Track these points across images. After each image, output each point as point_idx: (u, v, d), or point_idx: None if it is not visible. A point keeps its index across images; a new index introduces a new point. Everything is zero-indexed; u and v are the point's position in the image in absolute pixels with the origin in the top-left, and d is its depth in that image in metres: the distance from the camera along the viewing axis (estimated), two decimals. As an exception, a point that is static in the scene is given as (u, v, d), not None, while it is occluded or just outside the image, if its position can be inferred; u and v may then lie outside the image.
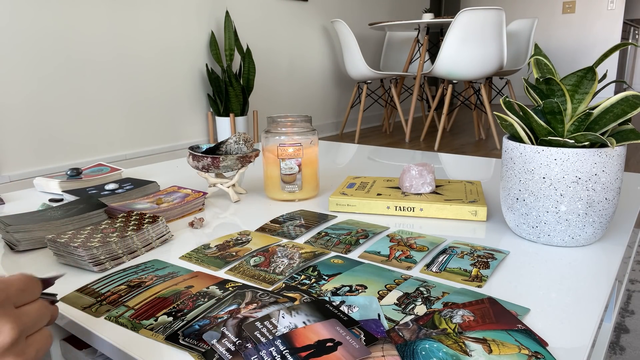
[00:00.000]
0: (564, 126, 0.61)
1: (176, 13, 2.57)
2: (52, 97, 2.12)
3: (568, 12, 5.26)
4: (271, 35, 3.16)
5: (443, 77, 3.03)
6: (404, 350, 0.41)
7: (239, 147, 0.94)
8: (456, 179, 0.95)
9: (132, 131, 2.46)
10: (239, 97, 2.71)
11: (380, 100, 4.25)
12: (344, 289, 0.53)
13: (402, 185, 0.84)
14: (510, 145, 0.65)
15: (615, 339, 0.98)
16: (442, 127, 3.08)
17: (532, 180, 0.63)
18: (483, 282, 0.54)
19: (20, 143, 2.04)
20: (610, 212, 0.63)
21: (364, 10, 4.01)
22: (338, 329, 0.43)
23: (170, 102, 2.63)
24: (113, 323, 0.48)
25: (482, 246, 0.64)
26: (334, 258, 0.62)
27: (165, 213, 0.79)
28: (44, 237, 0.68)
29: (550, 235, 0.63)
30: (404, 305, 0.49)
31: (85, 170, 1.08)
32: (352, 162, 1.22)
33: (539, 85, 0.62)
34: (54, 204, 0.89)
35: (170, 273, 0.58)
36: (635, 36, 6.64)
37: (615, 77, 5.19)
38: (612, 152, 0.60)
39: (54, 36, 2.09)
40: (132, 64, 2.41)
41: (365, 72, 3.30)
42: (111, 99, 2.35)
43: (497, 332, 0.43)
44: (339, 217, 0.79)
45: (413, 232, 0.71)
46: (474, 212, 0.75)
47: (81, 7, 2.17)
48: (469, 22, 2.81)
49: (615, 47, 0.60)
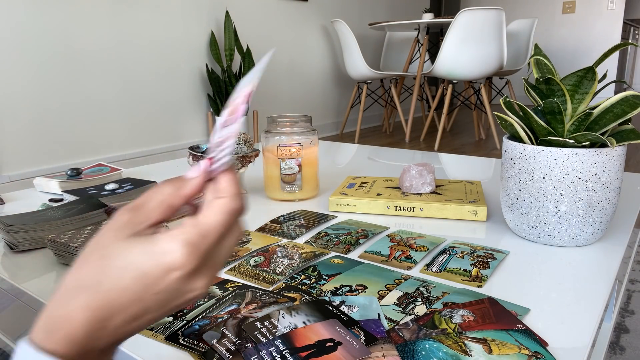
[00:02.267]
0: (564, 126, 0.61)
1: (176, 13, 2.57)
2: (52, 97, 2.11)
3: (568, 12, 5.25)
4: (271, 35, 3.16)
5: (443, 77, 3.03)
6: (404, 350, 0.41)
7: (239, 147, 0.94)
8: (456, 179, 0.95)
9: (132, 131, 2.46)
10: (239, 97, 2.71)
11: (380, 100, 4.25)
12: (344, 289, 0.53)
13: (402, 185, 0.84)
14: (510, 145, 0.65)
15: (615, 339, 0.98)
16: (442, 127, 3.08)
17: (532, 180, 0.63)
18: (483, 282, 0.54)
19: (20, 143, 2.04)
20: (610, 212, 0.63)
21: (364, 10, 4.01)
22: (338, 329, 0.43)
23: (170, 102, 2.62)
24: (113, 323, 0.48)
25: (482, 246, 0.64)
26: (334, 258, 0.62)
27: (165, 213, 0.78)
28: (44, 237, 0.68)
29: (550, 235, 0.63)
30: (404, 305, 0.49)
31: (85, 170, 1.08)
32: (352, 162, 1.22)
33: (539, 85, 0.62)
34: (54, 204, 0.89)
35: (170, 273, 0.58)
36: (635, 36, 6.64)
37: (615, 77, 5.19)
38: (612, 152, 0.60)
39: (54, 36, 2.09)
40: (133, 64, 2.41)
41: (365, 72, 3.30)
42: (111, 99, 2.35)
43: (497, 332, 0.43)
44: (339, 217, 0.79)
45: (413, 232, 0.71)
46: (474, 212, 0.75)
47: (82, 7, 2.17)
48: (469, 22, 2.81)
49: (615, 47, 0.60)
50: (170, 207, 0.29)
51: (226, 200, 0.28)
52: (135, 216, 0.28)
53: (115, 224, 0.27)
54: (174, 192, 0.29)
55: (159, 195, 0.29)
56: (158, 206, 0.28)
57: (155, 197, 0.29)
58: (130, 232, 0.27)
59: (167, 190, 0.29)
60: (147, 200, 0.28)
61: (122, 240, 0.27)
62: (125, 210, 0.28)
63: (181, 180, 0.29)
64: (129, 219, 0.28)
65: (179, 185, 0.29)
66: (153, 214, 0.28)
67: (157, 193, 0.29)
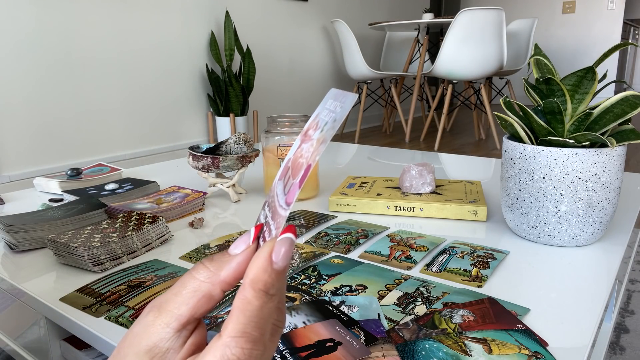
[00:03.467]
0: (564, 126, 0.61)
1: (176, 13, 2.57)
2: (52, 97, 2.11)
3: (568, 12, 5.25)
4: (271, 35, 3.16)
5: (443, 77, 3.03)
6: (404, 350, 0.41)
7: (239, 147, 0.94)
8: (456, 179, 0.95)
9: (132, 131, 2.46)
10: (239, 97, 2.71)
11: (380, 100, 4.25)
12: (344, 289, 0.53)
13: (402, 185, 0.84)
14: (510, 145, 0.65)
15: (615, 339, 0.98)
16: (442, 127, 3.08)
17: (532, 180, 0.63)
18: (483, 282, 0.54)
19: (20, 143, 2.04)
20: (610, 212, 0.63)
21: (364, 10, 4.01)
22: (338, 329, 0.43)
23: (170, 102, 2.62)
24: (113, 323, 0.48)
25: (482, 246, 0.64)
26: (334, 258, 0.62)
27: (165, 213, 0.78)
28: (44, 237, 0.68)
29: (550, 235, 0.63)
30: (404, 305, 0.49)
31: (85, 170, 1.08)
32: (352, 162, 1.22)
33: (539, 85, 0.62)
34: (54, 204, 0.89)
35: (171, 273, 0.58)
36: (635, 36, 6.64)
37: (615, 77, 5.19)
38: (612, 152, 0.60)
39: (54, 36, 2.09)
40: (133, 63, 2.41)
41: (365, 72, 3.30)
42: (111, 98, 2.35)
43: (497, 332, 0.43)
44: (339, 217, 0.79)
45: (413, 232, 0.71)
46: (474, 212, 0.75)
47: (82, 7, 2.17)
48: (469, 22, 2.81)
49: (615, 47, 0.60)
50: (207, 298, 0.22)
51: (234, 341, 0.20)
52: (160, 317, 0.22)
53: (137, 330, 0.22)
54: (211, 276, 0.23)
55: (193, 281, 0.23)
56: (190, 297, 0.22)
57: (189, 284, 0.23)
58: (147, 347, 0.22)
59: (203, 275, 0.23)
60: (179, 291, 0.23)
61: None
62: (150, 308, 0.23)
63: (221, 259, 0.23)
64: (152, 321, 0.22)
65: (217, 266, 0.23)
66: (183, 310, 0.22)
67: (191, 279, 0.23)
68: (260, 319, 0.21)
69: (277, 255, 0.22)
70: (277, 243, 0.22)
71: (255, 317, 0.21)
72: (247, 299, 0.21)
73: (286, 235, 0.22)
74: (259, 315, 0.21)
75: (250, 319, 0.21)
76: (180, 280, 0.23)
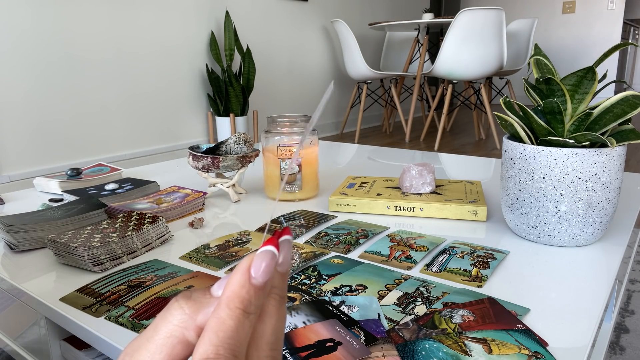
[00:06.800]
0: (564, 126, 0.61)
1: (176, 13, 2.57)
2: (52, 97, 2.11)
3: (568, 12, 5.25)
4: (271, 35, 3.16)
5: (443, 77, 3.03)
6: (404, 350, 0.41)
7: (239, 147, 0.94)
8: (456, 179, 0.95)
9: (132, 131, 2.46)
10: (239, 97, 2.71)
11: (380, 100, 4.25)
12: (344, 289, 0.53)
13: (402, 185, 0.84)
14: (510, 145, 0.65)
15: (615, 339, 0.98)
16: (442, 127, 3.08)
17: (532, 180, 0.63)
18: (483, 282, 0.54)
19: (20, 143, 2.04)
20: (610, 212, 0.63)
21: (364, 10, 4.01)
22: (338, 329, 0.43)
23: (170, 102, 2.62)
24: (113, 323, 0.48)
25: (482, 246, 0.64)
26: (334, 258, 0.62)
27: (165, 213, 0.78)
28: (44, 237, 0.68)
29: (550, 235, 0.63)
30: (404, 305, 0.49)
31: (85, 170, 1.08)
32: (352, 162, 1.22)
33: (539, 85, 0.62)
34: (54, 204, 0.89)
35: (170, 273, 0.58)
36: (635, 36, 6.64)
37: (615, 77, 5.19)
38: (612, 152, 0.60)
39: (54, 36, 2.09)
40: (132, 63, 2.41)
41: (365, 72, 3.30)
42: (111, 98, 2.35)
43: (497, 332, 0.43)
44: (339, 217, 0.79)
45: (413, 232, 0.71)
46: (474, 212, 0.75)
47: (81, 7, 2.17)
48: (469, 22, 2.81)
49: (615, 47, 0.60)
50: (184, 345, 0.20)
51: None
52: None
53: None
54: (186, 320, 0.20)
55: (166, 326, 0.20)
56: (163, 345, 0.20)
57: (162, 328, 0.20)
58: None
59: (177, 319, 0.20)
60: (151, 336, 0.20)
61: None
62: (123, 357, 0.20)
63: (201, 299, 0.20)
64: None
65: (194, 308, 0.20)
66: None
67: (164, 322, 0.20)
68: (235, 340, 0.19)
69: (257, 270, 0.20)
70: (256, 256, 0.20)
71: (229, 339, 0.19)
72: (221, 318, 0.19)
73: (267, 247, 0.20)
74: (233, 336, 0.19)
75: (223, 341, 0.19)
76: (154, 323, 0.20)
